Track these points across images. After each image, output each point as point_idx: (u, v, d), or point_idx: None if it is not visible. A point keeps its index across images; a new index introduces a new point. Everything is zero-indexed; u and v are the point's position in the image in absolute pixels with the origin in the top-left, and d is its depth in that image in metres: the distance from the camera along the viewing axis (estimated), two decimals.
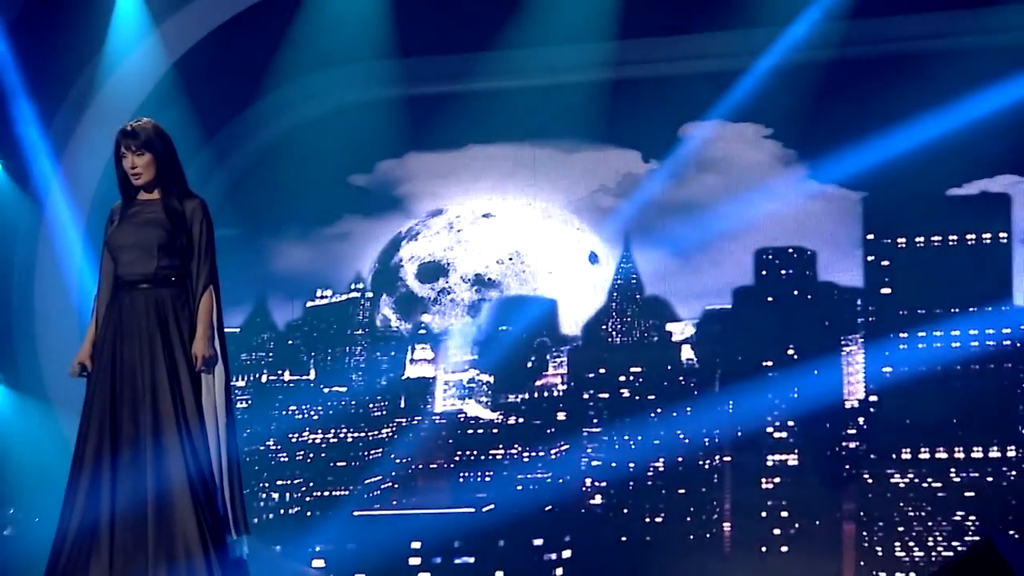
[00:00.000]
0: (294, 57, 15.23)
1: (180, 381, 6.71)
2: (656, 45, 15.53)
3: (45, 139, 14.05)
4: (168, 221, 6.79)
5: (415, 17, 15.10)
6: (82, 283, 14.51)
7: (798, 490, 16.06)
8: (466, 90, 16.10)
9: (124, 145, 6.83)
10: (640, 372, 16.79)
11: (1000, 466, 15.69)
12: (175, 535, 6.55)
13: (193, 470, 6.62)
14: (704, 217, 16.36)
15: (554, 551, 16.22)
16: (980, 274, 15.84)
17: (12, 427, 13.88)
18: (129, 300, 6.77)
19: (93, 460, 6.65)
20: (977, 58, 14.65)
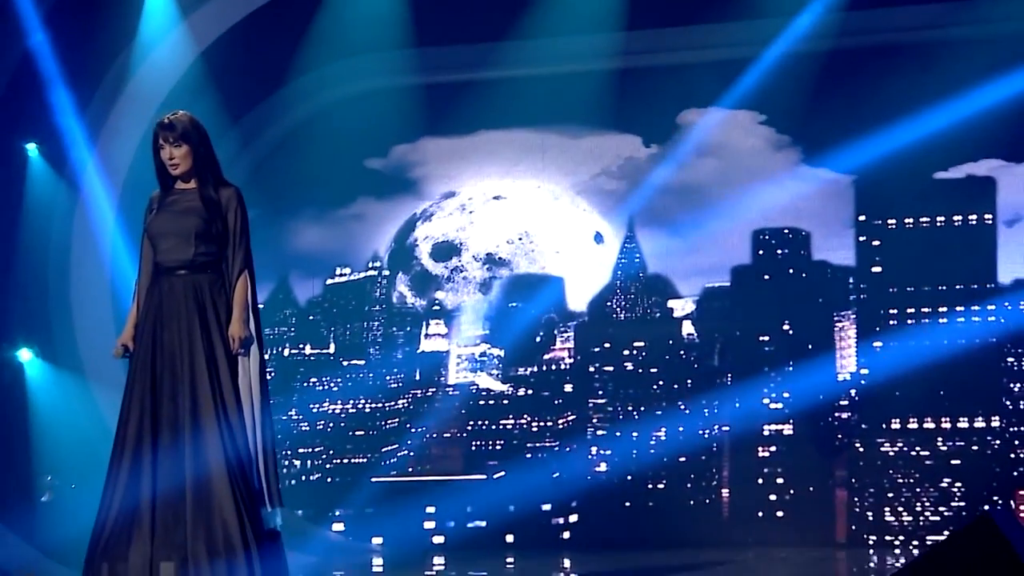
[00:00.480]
0: (316, 47, 15.18)
1: (217, 363, 6.69)
2: (656, 36, 15.49)
3: (80, 125, 13.98)
4: (205, 209, 6.77)
5: (431, 9, 15.02)
6: (115, 262, 14.48)
7: (793, 458, 16.04)
8: (477, 78, 16.05)
9: (162, 137, 6.81)
10: (643, 347, 16.74)
11: (985, 435, 15.67)
12: (212, 509, 6.53)
13: (229, 447, 6.60)
14: (703, 199, 16.35)
15: (561, 516, 16.21)
16: (966, 254, 15.80)
17: (49, 399, 13.82)
18: (168, 285, 6.75)
19: (135, 440, 6.62)
20: (964, 48, 14.60)
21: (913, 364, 15.72)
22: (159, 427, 6.62)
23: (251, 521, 6.58)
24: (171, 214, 6.79)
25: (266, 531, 6.68)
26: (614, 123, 16.58)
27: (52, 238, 14.12)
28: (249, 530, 6.56)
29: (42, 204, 14.03)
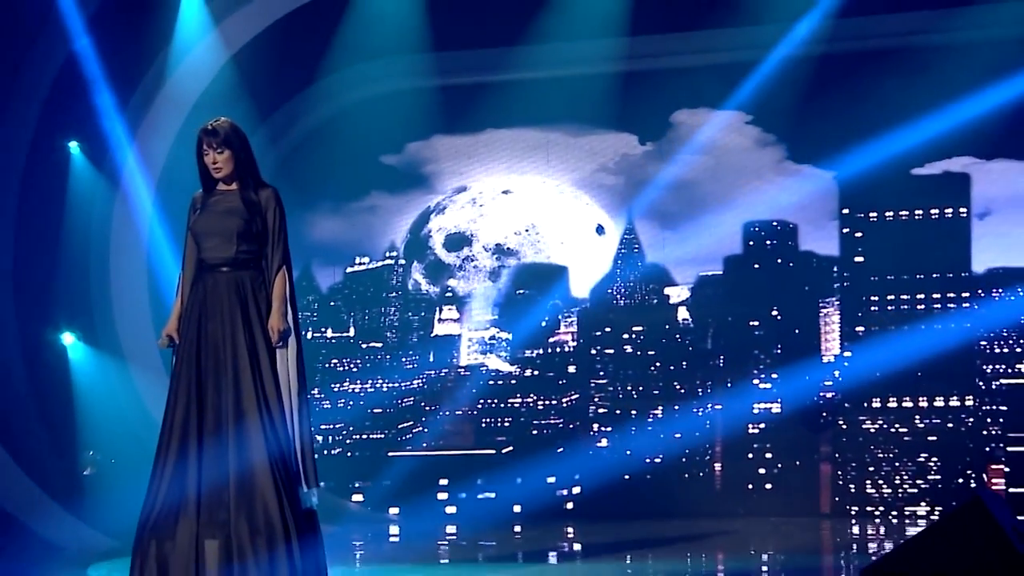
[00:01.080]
0: (338, 52, 15.10)
1: (258, 353, 6.65)
2: (650, 42, 15.41)
3: (119, 125, 13.93)
4: (245, 210, 6.74)
5: (444, 16, 14.92)
6: (152, 252, 14.43)
7: (780, 434, 16.04)
8: (486, 81, 16.00)
9: (206, 142, 6.78)
10: (641, 331, 16.73)
11: (959, 413, 15.68)
12: (254, 490, 6.49)
13: (269, 433, 6.57)
14: (696, 194, 16.34)
15: (565, 487, 16.18)
16: (942, 244, 15.81)
17: (91, 380, 13.77)
18: (212, 281, 6.71)
19: (181, 426, 6.58)
20: (943, 54, 14.57)
21: (893, 347, 15.72)
22: (204, 414, 6.58)
23: (290, 501, 6.55)
24: (214, 215, 6.75)
25: (303, 510, 6.65)
26: (612, 122, 16.56)
27: (92, 230, 14.05)
28: (288, 510, 6.52)
29: (83, 199, 13.97)
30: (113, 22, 13.25)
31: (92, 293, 14.07)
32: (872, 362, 15.86)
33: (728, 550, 12.25)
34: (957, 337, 15.52)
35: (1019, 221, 15.65)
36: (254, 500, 6.48)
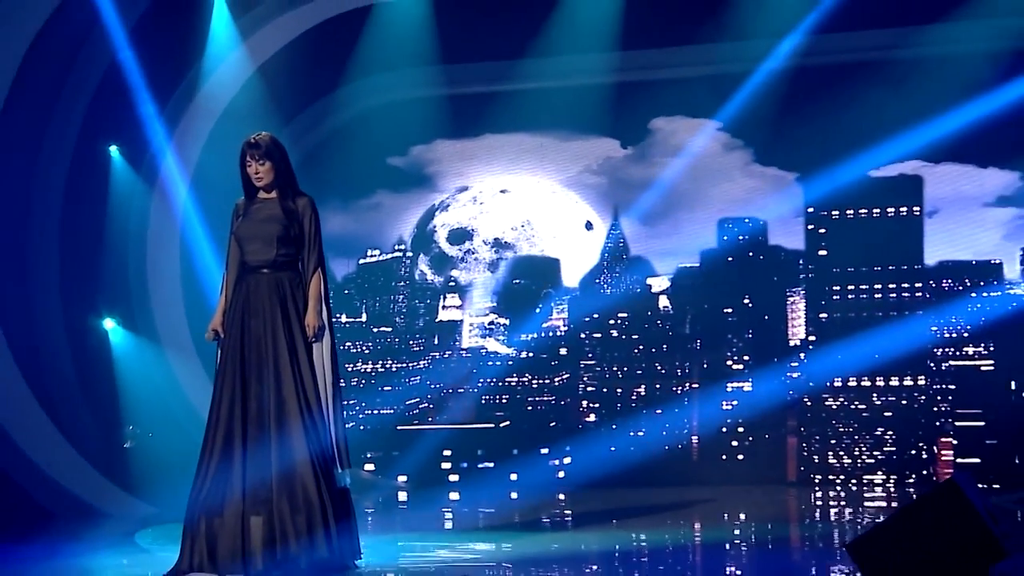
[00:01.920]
0: (352, 64, 15.07)
1: (296, 348, 6.65)
2: (631, 57, 15.29)
3: (156, 131, 13.87)
4: (284, 217, 6.72)
5: (447, 34, 14.89)
6: (184, 246, 14.40)
7: (751, 410, 15.96)
8: (484, 91, 15.95)
9: (249, 154, 6.76)
10: (626, 317, 16.64)
11: (912, 392, 15.63)
12: (294, 471, 6.49)
13: (307, 420, 6.57)
14: (674, 193, 16.30)
15: (557, 458, 16.10)
16: (897, 240, 15.74)
17: (130, 362, 13.72)
18: (254, 282, 6.69)
19: (227, 414, 6.57)
20: (896, 67, 14.59)
21: (852, 332, 15.75)
22: (247, 403, 6.55)
23: (326, 481, 6.54)
24: (255, 221, 6.73)
25: (338, 489, 6.63)
26: (597, 129, 16.42)
27: (131, 226, 14.01)
28: (324, 489, 6.51)
29: (122, 198, 13.92)
30: (151, 35, 13.18)
31: (131, 283, 14.03)
32: (834, 345, 15.84)
33: (705, 515, 12.24)
34: (910, 323, 15.50)
35: (964, 219, 15.62)
36: (294, 481, 6.46)
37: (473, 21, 14.70)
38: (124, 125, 13.68)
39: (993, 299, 15.67)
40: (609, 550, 9.25)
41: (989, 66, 14.05)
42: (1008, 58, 13.93)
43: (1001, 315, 15.59)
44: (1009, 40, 13.77)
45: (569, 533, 11.29)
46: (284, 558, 6.38)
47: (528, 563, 7.62)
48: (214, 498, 6.46)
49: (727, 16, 14.66)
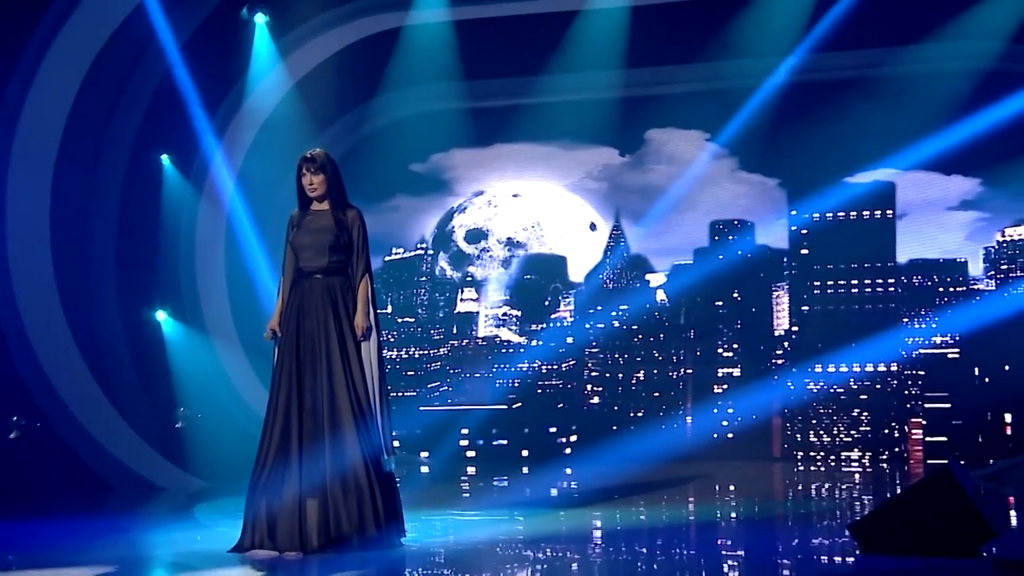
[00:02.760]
0: (382, 79, 14.98)
1: (346, 345, 6.61)
2: (627, 75, 15.17)
3: (203, 141, 13.82)
4: (335, 227, 6.68)
5: (467, 55, 14.80)
6: (229, 245, 14.36)
7: (740, 393, 15.95)
8: (497, 105, 15.84)
9: (304, 167, 6.76)
10: (627, 309, 16.56)
11: (885, 376, 15.61)
12: (345, 458, 6.45)
13: (357, 410, 6.53)
14: (669, 197, 16.25)
15: (564, 436, 16.13)
16: (872, 240, 15.74)
17: (180, 349, 13.67)
18: (308, 286, 6.65)
19: (284, 405, 6.51)
20: (872, 84, 14.53)
21: (832, 323, 15.78)
22: (303, 396, 6.50)
23: (374, 467, 6.49)
24: (309, 231, 6.69)
25: (384, 473, 6.58)
26: (597, 139, 16.35)
27: (181, 227, 13.94)
28: (373, 474, 6.46)
29: (173, 202, 13.86)
30: (200, 54, 13.09)
31: (181, 278, 13.97)
32: (815, 335, 15.87)
33: (698, 488, 12.18)
34: (884, 315, 15.53)
35: (931, 221, 15.61)
36: (345, 467, 6.42)
37: (490, 43, 14.60)
38: (175, 136, 13.61)
39: (958, 294, 15.65)
40: (612, 521, 9.23)
41: (960, 83, 13.97)
42: (978, 76, 13.85)
43: (966, 308, 15.56)
44: (979, 60, 13.66)
45: (576, 506, 11.25)
46: (337, 537, 6.33)
47: (541, 539, 7.57)
48: (273, 483, 6.40)
49: (716, 40, 14.61)
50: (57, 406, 11.83)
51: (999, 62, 13.51)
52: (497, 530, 8.12)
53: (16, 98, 11.75)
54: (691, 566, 6.51)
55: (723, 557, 6.89)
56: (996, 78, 13.71)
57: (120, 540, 7.64)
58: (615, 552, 6.94)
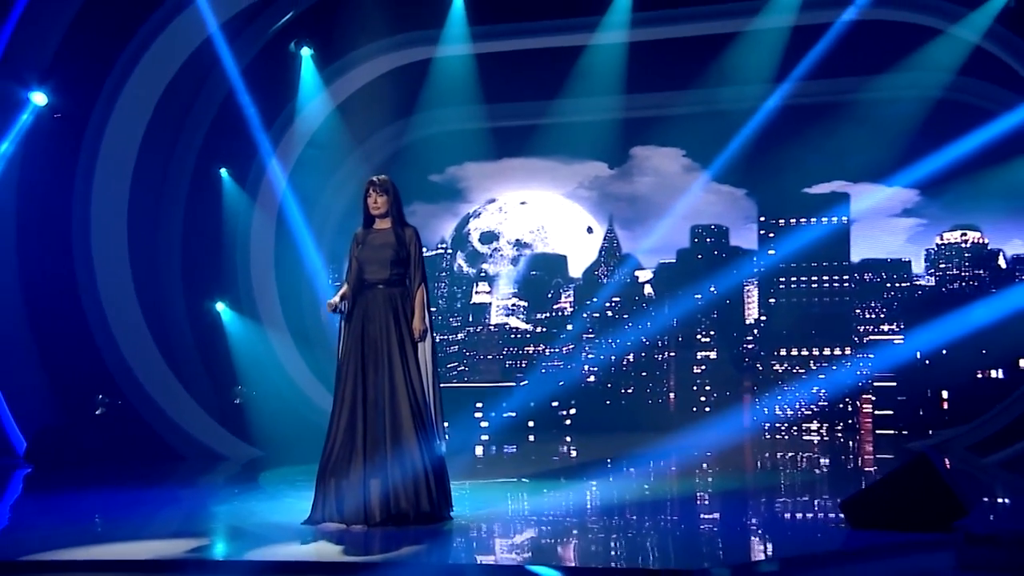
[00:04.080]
0: (410, 103, 14.82)
1: (405, 347, 6.55)
2: (615, 100, 14.88)
3: (258, 156, 13.73)
4: (396, 243, 6.62)
5: (486, 83, 14.63)
6: (278, 247, 14.30)
7: (716, 374, 15.96)
8: (504, 126, 15.62)
9: (371, 188, 6.70)
10: (618, 301, 16.57)
11: (840, 360, 15.63)
12: (403, 442, 6.39)
13: (413, 403, 6.47)
14: (652, 205, 16.24)
15: (564, 409, 16.05)
16: (830, 242, 15.68)
17: (237, 335, 13.59)
18: (371, 295, 6.59)
19: (351, 398, 6.45)
20: (831, 109, 14.40)
21: (795, 313, 15.81)
22: (367, 390, 6.43)
23: (428, 451, 6.41)
24: (373, 247, 6.62)
25: (436, 456, 6.52)
26: (590, 154, 16.26)
27: (237, 231, 13.85)
28: (427, 457, 6.39)
29: (230, 210, 13.75)
30: (255, 81, 12.95)
31: (237, 275, 13.88)
32: (780, 323, 15.89)
33: (680, 455, 12.13)
34: (839, 306, 15.56)
35: (878, 226, 15.60)
36: (403, 450, 6.36)
37: (504, 73, 14.42)
38: (232, 152, 13.51)
39: (903, 288, 15.64)
40: (607, 482, 9.25)
41: (907, 109, 13.90)
42: (924, 103, 13.77)
43: (909, 301, 15.57)
44: (927, 89, 13.58)
45: (574, 469, 11.22)
46: (397, 513, 6.26)
47: (561, 509, 7.55)
48: (341, 465, 6.33)
49: (695, 72, 14.40)
50: (134, 386, 11.76)
51: (945, 91, 13.42)
52: (522, 498, 8.07)
53: (101, 119, 11.67)
54: (686, 527, 6.45)
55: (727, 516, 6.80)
56: (942, 105, 13.65)
57: (203, 512, 7.55)
58: (620, 522, 6.85)
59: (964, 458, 10.74)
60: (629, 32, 13.56)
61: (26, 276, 11.42)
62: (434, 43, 13.78)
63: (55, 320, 11.43)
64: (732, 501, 7.70)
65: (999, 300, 13.98)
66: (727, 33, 13.73)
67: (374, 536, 6.10)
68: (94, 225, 11.70)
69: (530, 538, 6.29)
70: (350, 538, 6.04)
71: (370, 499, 6.28)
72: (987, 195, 13.86)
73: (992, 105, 13.07)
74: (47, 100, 11.15)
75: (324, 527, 6.30)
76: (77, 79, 11.32)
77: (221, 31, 12.14)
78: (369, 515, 6.26)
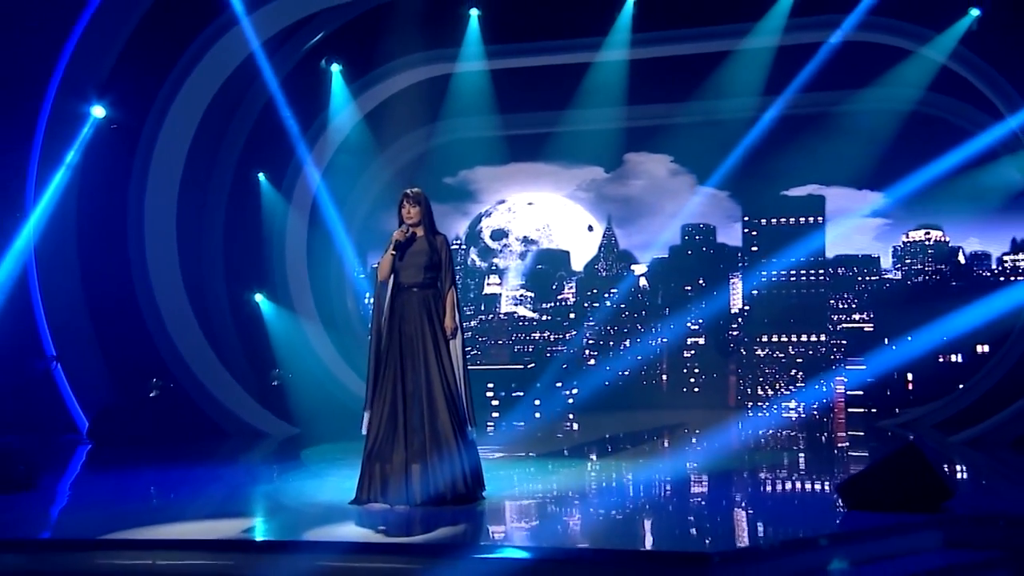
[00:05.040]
0: (429, 114, 14.71)
1: (438, 343, 6.48)
2: (610, 112, 14.64)
3: (292, 162, 13.65)
4: (428, 250, 6.54)
5: (495, 96, 14.50)
6: (310, 244, 14.26)
7: (704, 357, 15.93)
8: (513, 134, 15.48)
9: (405, 200, 6.60)
10: (616, 292, 16.55)
11: (816, 345, 15.68)
12: (439, 429, 6.31)
13: (447, 393, 6.41)
14: (647, 205, 16.19)
15: (568, 389, 15.93)
16: (807, 239, 15.67)
17: (273, 323, 13.53)
18: (407, 297, 6.51)
19: (391, 392, 6.37)
20: (809, 120, 14.24)
21: (776, 303, 15.74)
22: (405, 384, 6.34)
23: (461, 436, 6.34)
24: (408, 254, 6.52)
25: (468, 441, 6.45)
26: (587, 159, 16.19)
27: (273, 230, 13.80)
28: (460, 443, 6.32)
29: (267, 210, 13.70)
30: (290, 94, 12.86)
31: (274, 269, 13.83)
32: (762, 311, 15.83)
33: (671, 429, 12.09)
34: (815, 297, 15.52)
35: (851, 226, 15.55)
36: (439, 438, 6.28)
37: (514, 87, 14.31)
38: (269, 158, 13.43)
39: (872, 282, 15.60)
40: (606, 455, 9.21)
41: (877, 120, 13.79)
42: (894, 116, 13.69)
43: (878, 293, 15.52)
44: (899, 103, 13.48)
45: (577, 443, 11.19)
46: (435, 493, 6.19)
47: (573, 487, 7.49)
48: (384, 451, 6.25)
49: (683, 86, 14.23)
50: (184, 370, 11.69)
51: (915, 105, 13.32)
52: (538, 476, 7.98)
53: (152, 130, 11.59)
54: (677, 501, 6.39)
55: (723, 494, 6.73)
56: (912, 117, 13.54)
57: (255, 492, 7.44)
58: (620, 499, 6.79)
59: (932, 436, 10.67)
60: (628, 51, 13.41)
61: (86, 272, 11.35)
62: (452, 60, 13.65)
63: (113, 312, 11.37)
64: (728, 482, 7.58)
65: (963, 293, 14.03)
66: (717, 52, 13.60)
67: (415, 515, 6.02)
68: (147, 225, 11.64)
69: (554, 516, 6.22)
70: (394, 517, 5.97)
71: (412, 482, 6.21)
72: (949, 199, 13.75)
73: (957, 118, 13.03)
74: (105, 113, 11.05)
75: (369, 507, 6.23)
76: (132, 93, 11.24)
77: (262, 49, 12.02)
78: (411, 496, 6.19)
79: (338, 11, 12.65)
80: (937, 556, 5.40)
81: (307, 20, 12.60)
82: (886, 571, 5.18)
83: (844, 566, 5.08)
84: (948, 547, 5.46)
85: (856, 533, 5.44)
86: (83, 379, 11.16)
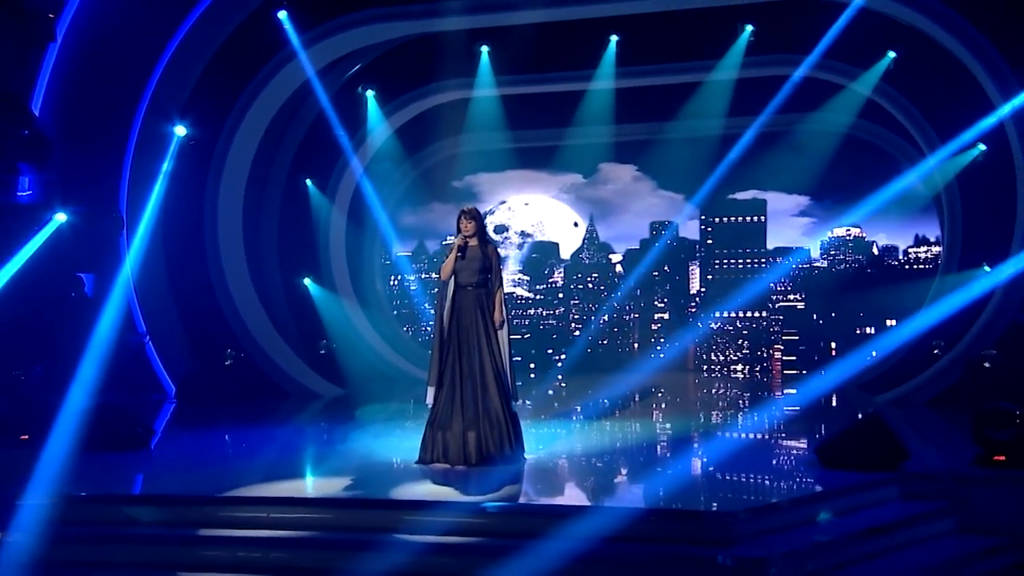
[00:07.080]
0: (449, 129, 14.51)
1: (489, 333, 6.43)
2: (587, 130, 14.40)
3: (336, 169, 13.50)
4: (482, 256, 6.47)
5: (509, 115, 14.32)
6: (348, 238, 14.12)
7: (668, 330, 15.94)
8: (511, 147, 15.21)
9: (463, 216, 6.56)
10: (596, 276, 16.53)
11: (759, 320, 15.67)
12: (489, 403, 6.28)
13: (496, 373, 6.38)
14: (616, 206, 16.16)
15: (557, 356, 16.01)
16: (750, 235, 15.74)
17: (320, 302, 13.40)
18: (464, 295, 6.47)
19: (451, 373, 6.33)
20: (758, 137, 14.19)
21: (726, 286, 15.73)
22: (463, 366, 6.30)
23: (507, 408, 6.33)
24: (466, 260, 6.48)
25: (512, 412, 6.44)
26: (568, 167, 15.98)
27: (319, 226, 13.63)
28: (507, 414, 6.30)
29: (315, 210, 13.53)
30: (336, 113, 12.67)
31: (319, 257, 13.69)
32: (717, 293, 15.83)
33: (641, 389, 12.07)
34: (758, 282, 15.48)
35: (786, 223, 15.63)
36: (490, 409, 6.26)
37: (517, 109, 14.16)
38: (316, 166, 13.27)
39: (804, 269, 15.67)
40: (589, 407, 9.26)
41: (816, 141, 13.77)
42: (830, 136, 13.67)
43: (808, 278, 15.61)
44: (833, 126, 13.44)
45: (564, 399, 11.20)
46: (488, 457, 6.18)
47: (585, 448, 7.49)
48: (444, 421, 6.23)
49: (652, 109, 14.06)
50: (251, 342, 11.57)
51: (847, 129, 13.34)
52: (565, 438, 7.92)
53: (224, 145, 11.41)
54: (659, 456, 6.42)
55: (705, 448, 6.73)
56: (846, 139, 13.54)
57: (333, 450, 7.36)
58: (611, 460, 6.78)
59: (859, 397, 10.76)
60: (613, 81, 13.30)
61: (171, 263, 11.23)
62: (467, 88, 13.49)
63: (193, 296, 11.26)
64: (708, 445, 7.48)
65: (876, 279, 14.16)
66: (680, 83, 13.51)
67: (472, 474, 6.01)
68: (220, 224, 11.50)
69: (583, 474, 6.23)
70: (453, 475, 5.97)
71: (468, 446, 6.20)
72: (865, 203, 13.88)
73: (878, 140, 13.09)
74: (185, 131, 10.86)
75: (433, 467, 6.22)
76: (208, 115, 11.06)
77: (316, 76, 11.85)
78: (467, 458, 6.18)
79: (374, 48, 12.49)
80: (895, 507, 5.47)
81: (348, 55, 12.41)
82: (854, 522, 5.21)
83: (829, 516, 5.15)
84: (904, 499, 5.54)
85: (828, 493, 5.45)
86: (170, 351, 11.06)
